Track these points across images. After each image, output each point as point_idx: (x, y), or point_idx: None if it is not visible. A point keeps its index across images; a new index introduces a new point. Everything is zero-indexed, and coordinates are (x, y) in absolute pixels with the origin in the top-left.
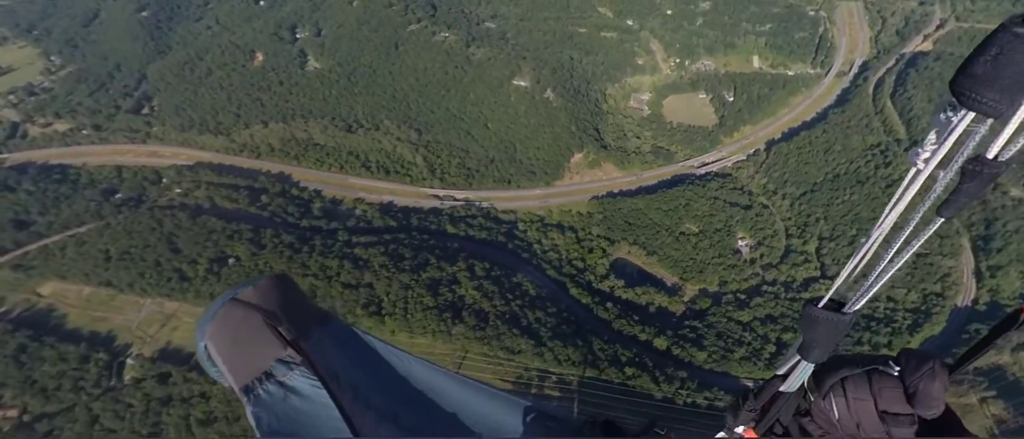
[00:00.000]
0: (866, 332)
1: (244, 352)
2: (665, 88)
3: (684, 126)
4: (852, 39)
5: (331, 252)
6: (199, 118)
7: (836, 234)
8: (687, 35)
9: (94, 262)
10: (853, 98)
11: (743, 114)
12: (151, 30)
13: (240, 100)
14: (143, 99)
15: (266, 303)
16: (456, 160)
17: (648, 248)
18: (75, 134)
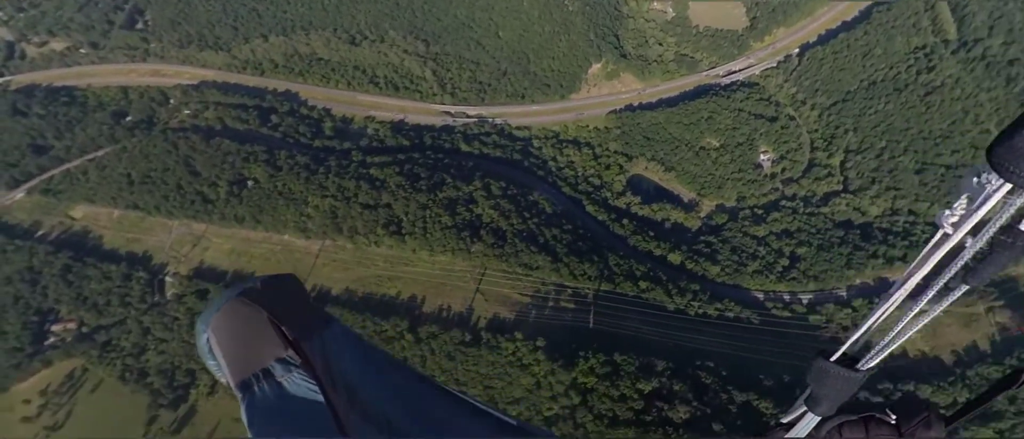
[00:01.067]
0: (882, 245)
1: (245, 348)
2: None
3: (711, 30)
4: None
5: (347, 173)
6: (197, 33)
7: (864, 146)
8: None
9: (118, 186)
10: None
11: (776, 15)
12: None
13: (236, 12)
14: (135, 13)
15: (271, 301)
16: (467, 74)
17: (666, 164)
18: (73, 53)
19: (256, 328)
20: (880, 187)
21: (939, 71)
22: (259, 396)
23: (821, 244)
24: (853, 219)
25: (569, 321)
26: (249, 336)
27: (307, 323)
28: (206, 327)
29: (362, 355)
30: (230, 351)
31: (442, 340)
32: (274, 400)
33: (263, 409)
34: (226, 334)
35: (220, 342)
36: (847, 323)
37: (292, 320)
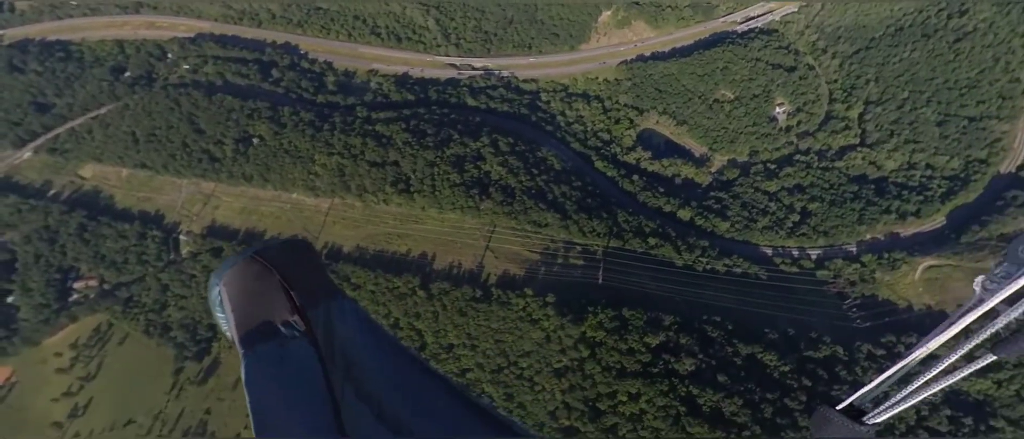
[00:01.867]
0: (896, 200)
1: (253, 306)
2: None
3: None
4: None
5: (352, 129)
6: None
7: (885, 97)
8: None
9: (124, 144)
10: None
11: None
12: None
13: None
14: None
15: (284, 264)
16: (471, 22)
17: (678, 117)
18: (65, 5)
19: (266, 288)
20: (899, 140)
21: (972, 15)
22: (259, 354)
23: (833, 199)
24: (868, 173)
25: (578, 277)
26: (258, 295)
27: (315, 291)
28: (219, 281)
29: (365, 332)
30: (239, 307)
31: (453, 296)
32: (273, 360)
33: (262, 367)
34: (237, 290)
35: (231, 297)
36: (855, 278)
37: (301, 285)
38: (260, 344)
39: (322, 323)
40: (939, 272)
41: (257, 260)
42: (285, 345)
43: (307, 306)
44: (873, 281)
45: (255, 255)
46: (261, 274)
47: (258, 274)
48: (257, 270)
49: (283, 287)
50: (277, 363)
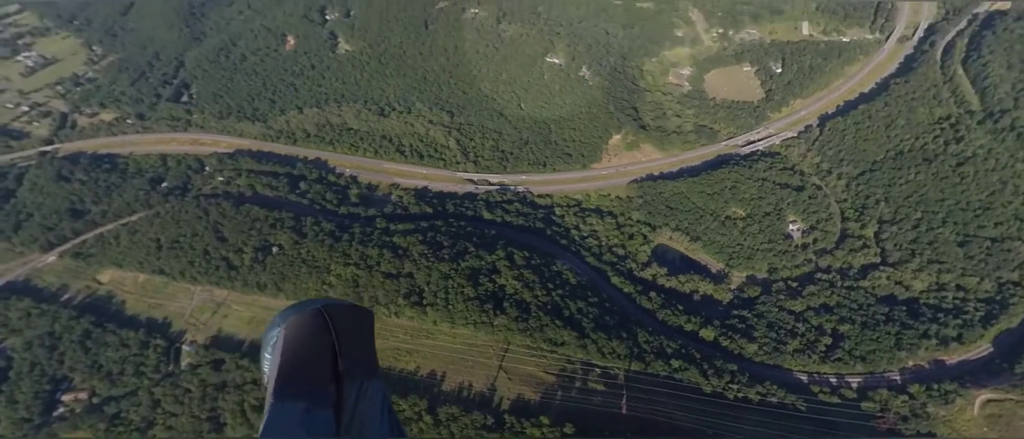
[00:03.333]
0: (932, 324)
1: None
2: (707, 61)
3: (728, 102)
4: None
5: (370, 240)
6: (236, 105)
7: (899, 217)
8: (730, 3)
9: (147, 250)
10: (919, 66)
11: (793, 87)
12: (185, 17)
13: (275, 86)
14: (182, 87)
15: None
16: (489, 142)
17: (691, 234)
18: (121, 123)
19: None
20: (922, 260)
21: (968, 142)
22: (286, 409)
23: (865, 321)
24: (896, 294)
25: (599, 404)
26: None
27: (359, 364)
28: (282, 323)
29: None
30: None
31: (462, 423)
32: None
33: (284, 423)
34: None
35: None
36: (905, 412)
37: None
38: (291, 400)
39: (352, 400)
40: (1001, 407)
41: (322, 316)
42: (312, 411)
43: (347, 378)
44: (927, 416)
45: (322, 309)
46: (319, 331)
47: (317, 330)
48: (318, 326)
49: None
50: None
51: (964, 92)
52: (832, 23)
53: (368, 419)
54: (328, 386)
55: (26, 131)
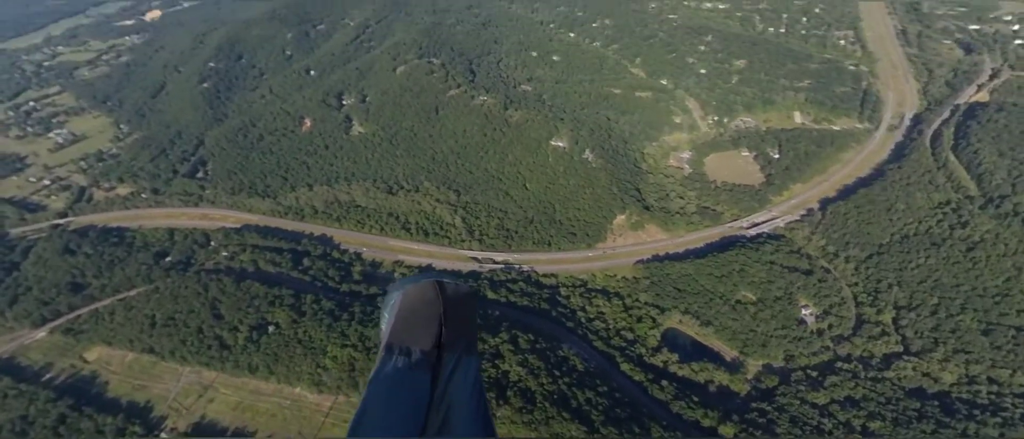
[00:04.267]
0: (970, 421)
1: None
2: (705, 146)
3: (729, 185)
4: (899, 92)
5: (370, 320)
6: (249, 181)
7: (915, 303)
8: (724, 93)
9: (139, 327)
10: (910, 153)
11: (791, 172)
12: (211, 100)
13: (288, 164)
14: (199, 164)
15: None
16: (495, 221)
17: (702, 318)
18: (135, 198)
19: (429, 314)
20: (946, 349)
21: (974, 227)
22: (392, 364)
23: (896, 417)
24: (925, 387)
25: None
26: (420, 316)
27: (460, 340)
28: (401, 288)
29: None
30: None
31: None
32: (396, 376)
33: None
34: (408, 303)
35: (401, 306)
36: None
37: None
38: (397, 355)
39: (449, 369)
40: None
41: (435, 288)
42: (413, 369)
43: (447, 348)
44: None
45: (437, 282)
46: (432, 301)
47: (430, 300)
48: (432, 296)
49: (440, 321)
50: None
51: (959, 178)
52: (822, 113)
53: (459, 390)
54: (431, 351)
55: (44, 204)
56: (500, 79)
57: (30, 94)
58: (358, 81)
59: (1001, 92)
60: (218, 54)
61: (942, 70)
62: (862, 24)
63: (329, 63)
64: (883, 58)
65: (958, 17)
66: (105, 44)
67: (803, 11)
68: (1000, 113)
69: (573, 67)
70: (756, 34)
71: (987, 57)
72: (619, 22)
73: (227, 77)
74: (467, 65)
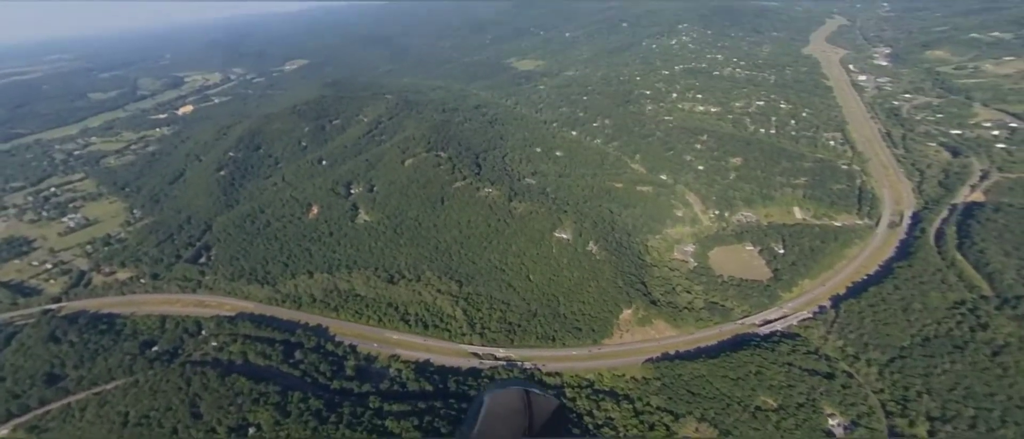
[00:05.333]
0: None
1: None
2: (709, 240)
3: (736, 279)
4: (894, 190)
5: (360, 422)
6: (250, 267)
7: (949, 413)
8: (722, 188)
9: (108, 427)
10: (916, 251)
11: (798, 267)
12: (225, 187)
13: (291, 250)
14: (203, 249)
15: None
16: (497, 313)
17: (720, 426)
18: (134, 282)
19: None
20: None
21: (995, 329)
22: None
23: None
24: None
25: None
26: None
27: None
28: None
29: None
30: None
31: None
32: None
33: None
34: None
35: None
36: None
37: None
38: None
39: None
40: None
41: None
42: None
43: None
44: None
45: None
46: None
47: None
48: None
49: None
50: None
51: (970, 277)
52: (821, 209)
53: None
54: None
55: (40, 288)
56: (505, 172)
57: (53, 180)
58: (367, 171)
59: (995, 193)
60: (238, 144)
61: (932, 170)
62: (848, 127)
63: (341, 154)
64: (873, 158)
65: (937, 123)
66: (136, 135)
67: (790, 114)
68: (998, 213)
69: (576, 162)
70: (749, 134)
71: (974, 159)
72: (618, 122)
73: (244, 166)
74: (473, 159)
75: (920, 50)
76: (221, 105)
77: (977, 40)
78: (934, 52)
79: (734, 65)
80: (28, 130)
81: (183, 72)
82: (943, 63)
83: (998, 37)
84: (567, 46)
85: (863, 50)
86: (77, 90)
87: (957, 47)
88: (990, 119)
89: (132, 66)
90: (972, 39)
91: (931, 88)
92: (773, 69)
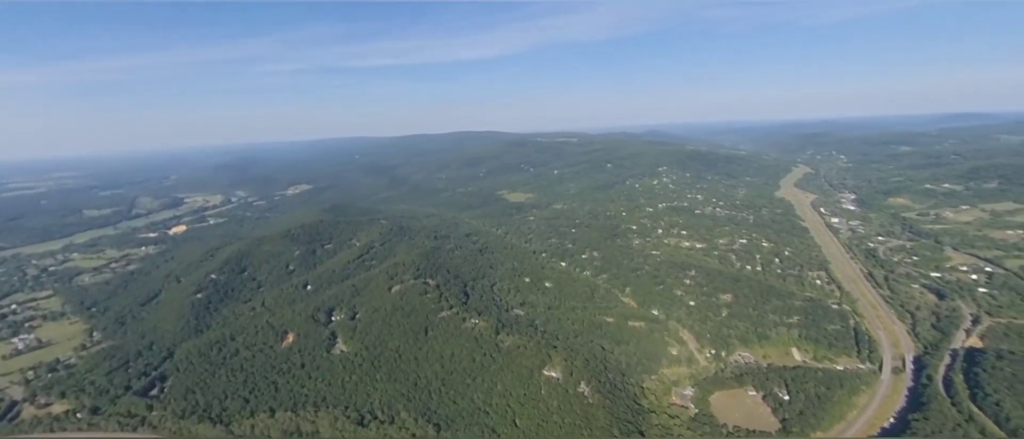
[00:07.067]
0: None
1: None
2: (707, 382)
3: (743, 431)
4: (889, 332)
5: None
6: (205, 402)
7: None
8: (716, 325)
9: None
10: (928, 401)
11: (807, 417)
12: (199, 310)
13: (256, 383)
14: (158, 379)
15: None
16: None
17: None
18: (68, 418)
19: None
20: None
21: None
22: None
23: None
24: None
25: None
26: None
27: None
28: None
29: None
30: None
31: None
32: None
33: None
34: None
35: None
36: None
37: None
38: None
39: None
40: None
41: None
42: None
43: None
44: None
45: None
46: None
47: None
48: None
49: None
50: None
51: (992, 432)
52: (820, 350)
53: None
54: None
55: None
56: (494, 302)
57: (18, 296)
58: (351, 298)
59: (991, 338)
60: (223, 266)
61: (922, 312)
62: (831, 266)
63: (328, 279)
64: (861, 298)
65: (916, 265)
66: (120, 253)
67: (773, 252)
68: (1002, 361)
69: (565, 294)
70: (736, 271)
71: (961, 303)
72: (606, 255)
73: (224, 288)
74: (462, 287)
75: (883, 197)
76: (216, 226)
77: (932, 190)
78: (896, 199)
79: (714, 205)
80: (10, 244)
81: (185, 193)
82: (906, 209)
83: (950, 188)
84: (555, 182)
85: (830, 195)
86: (73, 206)
87: (915, 196)
88: (965, 263)
89: (134, 185)
90: (927, 189)
91: (901, 232)
92: (751, 209)
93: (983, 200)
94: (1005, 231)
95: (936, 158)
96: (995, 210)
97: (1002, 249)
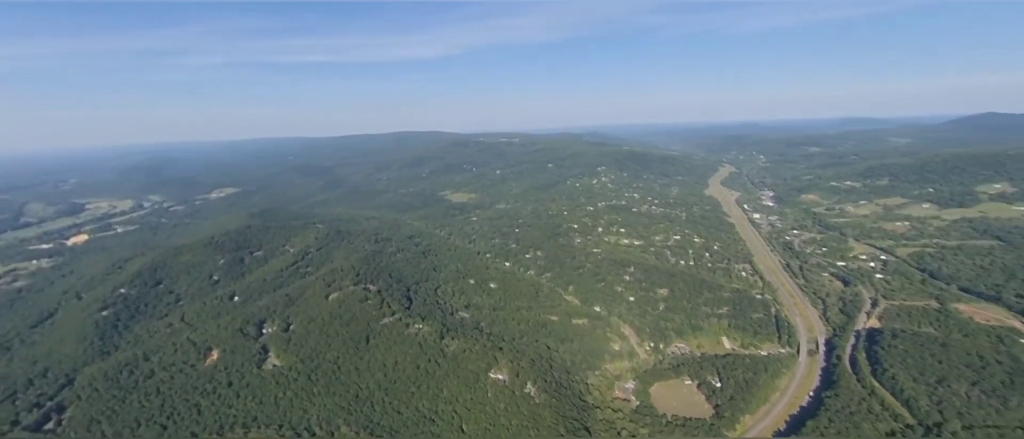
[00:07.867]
0: None
1: None
2: (648, 374)
3: (680, 419)
4: (804, 317)
5: None
6: (113, 433)
7: None
8: (654, 319)
9: None
10: (838, 379)
11: (737, 402)
12: (104, 330)
13: (174, 407)
14: (55, 410)
15: None
16: None
17: None
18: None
19: None
20: None
21: None
22: None
23: None
24: None
25: None
26: None
27: None
28: None
29: None
30: None
31: None
32: None
33: None
34: None
35: None
36: None
37: None
38: None
39: None
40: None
41: None
42: None
43: None
44: None
45: None
46: None
47: None
48: None
49: None
50: None
51: (891, 405)
52: (746, 338)
53: None
54: None
55: None
56: (437, 306)
57: None
58: (285, 308)
59: (887, 319)
60: (133, 280)
61: (831, 299)
62: (755, 259)
63: (258, 289)
64: (780, 287)
65: (825, 255)
66: (4, 268)
67: (704, 247)
68: (896, 339)
69: (510, 294)
70: (671, 266)
71: (863, 288)
72: (549, 254)
73: (135, 304)
74: (404, 292)
75: (797, 194)
76: (125, 235)
77: (837, 187)
78: (807, 195)
79: (650, 203)
80: None
81: (86, 198)
82: (816, 205)
83: (851, 185)
84: (498, 182)
85: (752, 193)
86: None
87: (823, 192)
88: (864, 252)
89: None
90: (833, 186)
91: (812, 225)
92: (683, 207)
93: (877, 196)
94: (895, 223)
95: (839, 158)
96: (887, 204)
97: (893, 239)
